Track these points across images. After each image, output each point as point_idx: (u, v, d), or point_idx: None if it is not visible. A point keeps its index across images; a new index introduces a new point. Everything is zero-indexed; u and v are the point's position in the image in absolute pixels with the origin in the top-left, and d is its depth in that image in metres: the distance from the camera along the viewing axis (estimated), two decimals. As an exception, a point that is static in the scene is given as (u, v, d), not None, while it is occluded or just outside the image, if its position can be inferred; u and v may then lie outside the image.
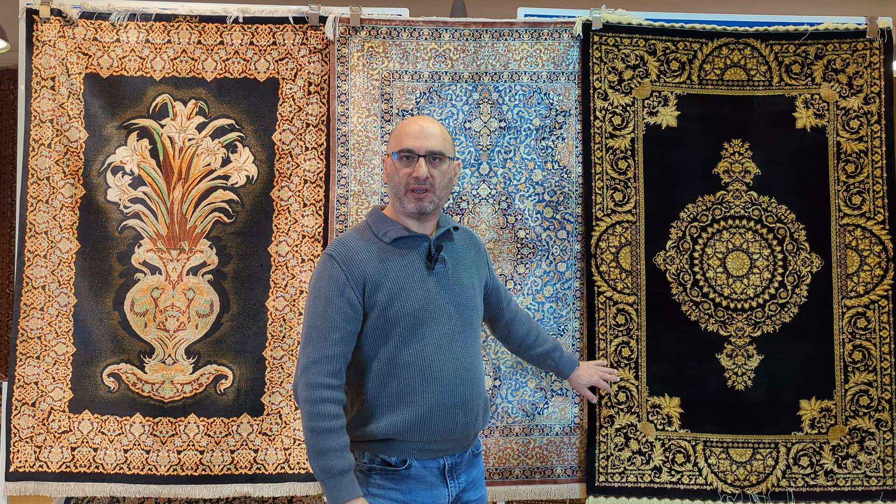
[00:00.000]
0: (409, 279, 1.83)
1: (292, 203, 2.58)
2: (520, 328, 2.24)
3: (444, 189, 1.88)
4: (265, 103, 2.59)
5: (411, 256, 1.85)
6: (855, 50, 2.58)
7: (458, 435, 1.85)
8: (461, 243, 1.99)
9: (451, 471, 1.86)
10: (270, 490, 2.51)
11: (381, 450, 1.82)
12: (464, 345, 1.87)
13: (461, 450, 1.89)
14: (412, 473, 1.82)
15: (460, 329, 1.87)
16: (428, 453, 1.84)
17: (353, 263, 1.81)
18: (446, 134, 1.90)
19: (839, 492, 2.48)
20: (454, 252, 1.94)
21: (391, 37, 2.58)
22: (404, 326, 1.80)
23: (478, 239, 2.08)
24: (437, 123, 1.90)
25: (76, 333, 2.52)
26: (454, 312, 1.86)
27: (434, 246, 1.87)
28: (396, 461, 1.81)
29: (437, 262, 1.87)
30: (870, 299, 2.53)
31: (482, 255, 2.06)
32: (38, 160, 2.53)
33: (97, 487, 2.48)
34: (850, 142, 2.56)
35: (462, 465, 1.89)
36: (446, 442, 1.84)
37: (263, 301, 2.55)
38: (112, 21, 2.57)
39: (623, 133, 2.58)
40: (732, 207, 2.56)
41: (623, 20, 2.58)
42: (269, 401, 2.53)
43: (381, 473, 1.82)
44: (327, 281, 1.80)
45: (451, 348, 1.84)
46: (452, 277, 1.89)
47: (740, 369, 2.52)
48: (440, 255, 1.88)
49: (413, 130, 1.85)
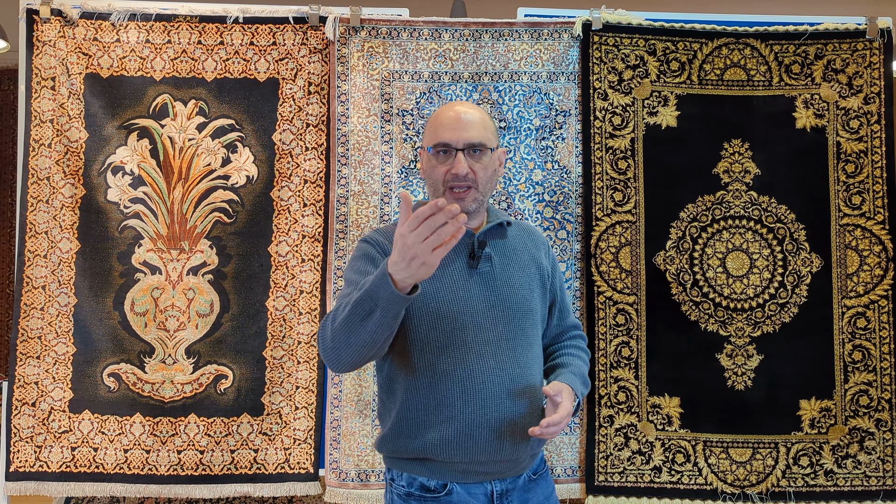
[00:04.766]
0: (447, 279, 1.63)
1: (292, 203, 2.58)
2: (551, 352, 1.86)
3: (487, 184, 1.67)
4: (265, 103, 2.59)
5: (452, 254, 1.64)
6: (855, 50, 2.58)
7: (507, 456, 1.61)
8: (517, 239, 1.75)
9: (501, 497, 1.64)
10: (270, 490, 2.51)
11: (419, 471, 1.62)
12: (512, 354, 1.63)
13: (514, 474, 1.65)
14: (454, 500, 1.60)
15: (508, 336, 1.64)
16: (472, 476, 1.62)
17: (388, 253, 1.62)
18: (487, 120, 1.67)
19: (839, 492, 2.48)
20: (505, 249, 1.71)
21: (391, 37, 2.58)
22: (440, 331, 1.60)
23: (538, 235, 1.83)
24: (476, 109, 1.67)
25: (76, 333, 2.52)
26: (500, 317, 1.64)
27: (477, 242, 1.66)
28: (436, 485, 1.61)
29: (480, 260, 1.65)
30: (870, 299, 2.53)
31: (544, 252, 1.79)
32: (38, 160, 2.53)
33: (97, 487, 2.48)
34: (849, 142, 2.56)
35: (515, 492, 1.65)
36: (493, 464, 1.62)
37: (263, 301, 2.55)
38: (112, 21, 2.57)
39: (623, 133, 2.58)
40: (732, 207, 2.56)
41: (623, 20, 2.58)
42: (269, 401, 2.53)
43: (420, 499, 1.62)
44: (361, 260, 1.64)
45: (495, 357, 1.61)
46: (501, 277, 1.67)
47: (740, 369, 2.52)
48: (485, 252, 1.66)
49: (449, 120, 1.63)
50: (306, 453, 2.52)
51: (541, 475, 1.72)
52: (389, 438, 1.65)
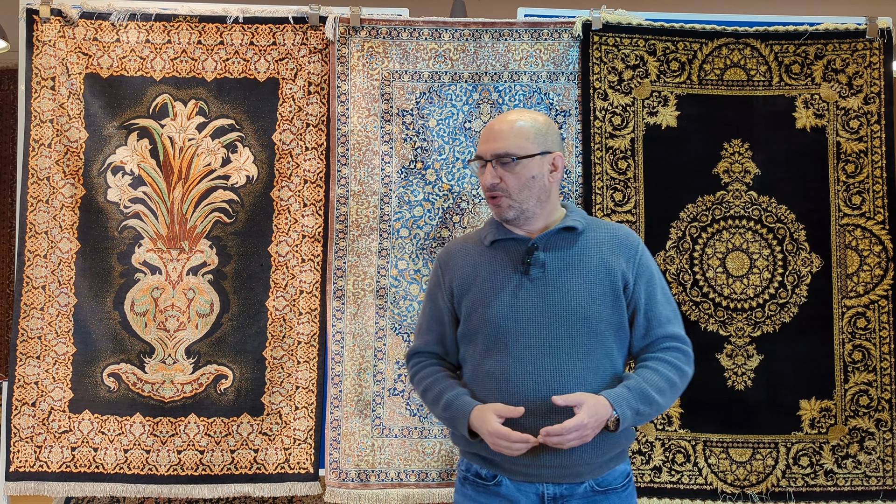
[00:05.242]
0: (496, 285, 1.69)
1: (292, 203, 2.58)
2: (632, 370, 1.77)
3: (522, 191, 1.68)
4: (265, 103, 2.59)
5: (506, 260, 1.71)
6: (855, 50, 2.58)
7: (547, 462, 1.63)
8: (587, 244, 1.72)
9: (555, 500, 1.65)
10: (270, 490, 2.51)
11: (474, 459, 1.70)
12: (554, 360, 1.64)
13: (570, 480, 1.65)
14: (503, 492, 1.66)
15: (553, 342, 1.65)
16: (519, 475, 1.65)
17: (448, 267, 1.79)
18: (523, 130, 1.68)
19: (839, 492, 2.48)
20: (566, 254, 1.70)
21: (391, 37, 2.58)
22: (486, 335, 1.67)
23: (624, 240, 1.74)
24: (511, 120, 1.70)
25: (76, 333, 2.52)
26: (547, 323, 1.65)
27: (529, 248, 1.69)
28: (487, 474, 1.68)
29: (531, 266, 1.68)
30: (870, 299, 2.53)
31: (625, 258, 1.72)
32: (38, 160, 2.53)
33: (97, 487, 2.48)
34: (849, 142, 2.56)
35: (574, 500, 1.65)
36: (536, 468, 1.63)
37: (263, 301, 2.55)
38: (112, 21, 2.57)
39: (623, 133, 2.58)
40: (732, 207, 2.56)
41: (623, 20, 2.58)
42: (269, 401, 2.53)
43: (473, 485, 1.70)
44: (430, 282, 1.86)
45: (534, 363, 1.64)
46: (555, 283, 1.67)
47: (740, 369, 2.52)
48: (538, 257, 1.68)
49: (484, 133, 1.72)
50: (306, 453, 2.52)
51: (613, 490, 1.68)
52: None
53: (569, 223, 1.72)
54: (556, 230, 1.71)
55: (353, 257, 2.54)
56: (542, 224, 1.73)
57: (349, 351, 2.52)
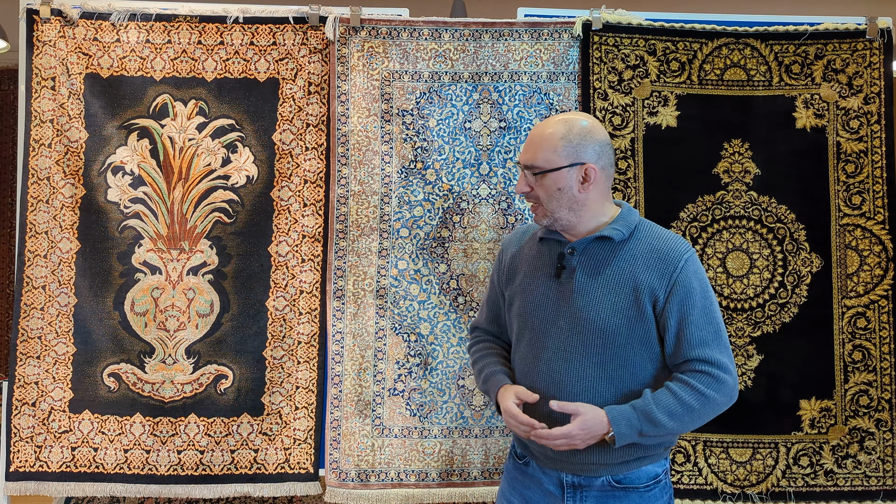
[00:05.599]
0: (533, 282, 1.75)
1: (292, 203, 2.58)
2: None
3: (552, 201, 1.68)
4: (265, 103, 2.59)
5: (545, 260, 1.76)
6: (855, 50, 2.58)
7: (558, 455, 1.69)
8: (622, 256, 1.69)
9: (573, 489, 1.70)
10: (270, 490, 2.51)
11: (514, 437, 1.84)
12: (567, 367, 1.67)
13: (587, 473, 1.69)
14: (530, 472, 1.78)
15: (569, 348, 1.67)
16: (542, 460, 1.74)
17: (505, 253, 1.88)
18: (553, 141, 1.67)
19: (839, 492, 2.48)
20: (597, 264, 1.69)
21: (391, 37, 2.58)
22: (519, 326, 1.78)
23: (665, 256, 1.67)
24: (545, 128, 1.70)
25: (76, 333, 2.52)
26: (567, 329, 1.68)
27: (560, 254, 1.72)
28: (520, 453, 1.82)
29: (563, 270, 1.70)
30: (870, 299, 2.53)
31: (658, 275, 1.66)
32: (38, 160, 2.53)
33: (97, 487, 2.48)
34: (849, 142, 2.56)
35: (592, 492, 1.69)
36: (559, 456, 1.69)
37: (263, 301, 2.55)
38: (112, 21, 2.57)
39: (623, 133, 2.58)
40: (732, 207, 2.56)
41: (623, 20, 2.58)
42: (269, 401, 2.53)
43: (513, 460, 1.85)
44: (495, 262, 1.94)
45: (548, 364, 1.69)
46: (580, 290, 1.68)
47: (740, 369, 2.52)
48: (569, 263, 1.70)
49: (528, 136, 1.74)
50: (306, 453, 2.52)
51: (635, 489, 1.68)
52: None
53: (606, 232, 1.69)
54: (592, 238, 1.70)
55: (353, 257, 2.54)
56: (584, 229, 1.72)
57: (349, 351, 2.52)
